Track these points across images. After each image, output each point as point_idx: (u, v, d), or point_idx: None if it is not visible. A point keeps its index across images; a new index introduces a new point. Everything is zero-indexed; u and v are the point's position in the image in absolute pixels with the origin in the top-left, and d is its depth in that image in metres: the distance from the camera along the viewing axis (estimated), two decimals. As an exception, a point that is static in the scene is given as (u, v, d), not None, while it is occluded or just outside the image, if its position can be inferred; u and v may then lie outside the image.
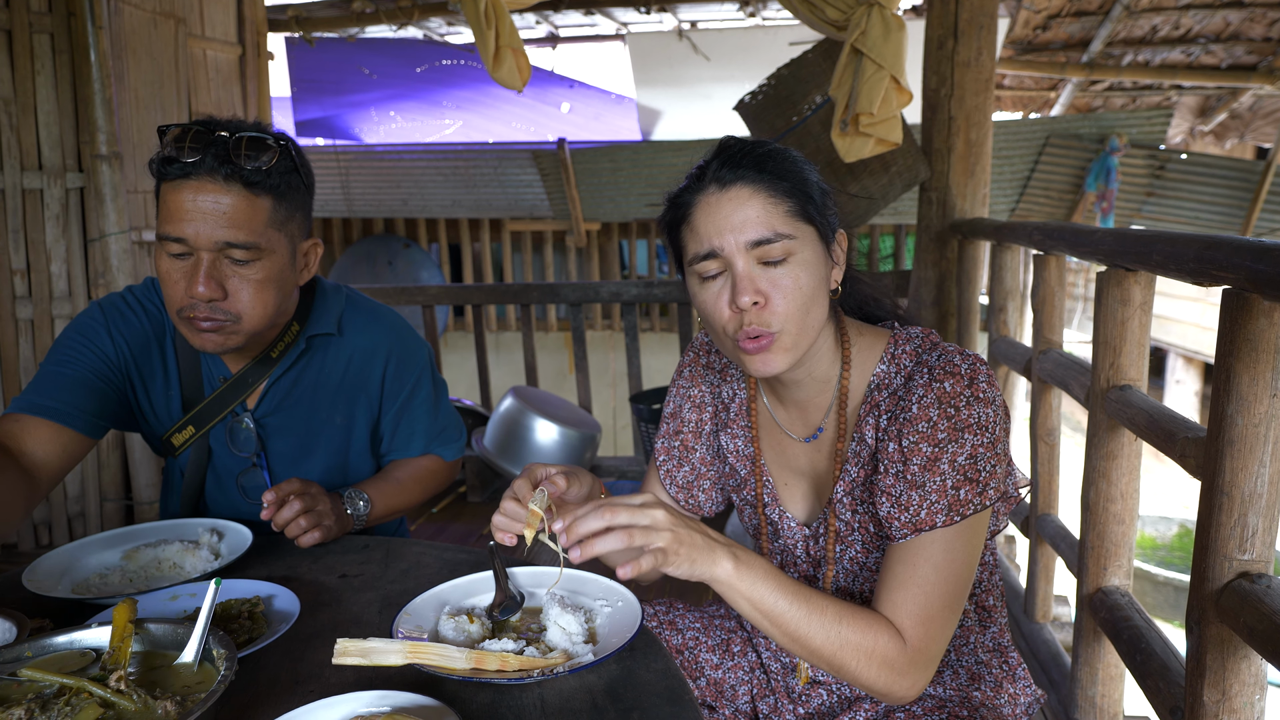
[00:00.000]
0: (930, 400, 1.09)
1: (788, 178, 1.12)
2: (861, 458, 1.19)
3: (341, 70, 7.59)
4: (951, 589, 1.09)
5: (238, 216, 1.33)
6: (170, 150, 1.31)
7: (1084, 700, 2.05)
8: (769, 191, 1.11)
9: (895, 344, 1.19)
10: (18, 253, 3.26)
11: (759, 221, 1.10)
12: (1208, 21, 6.22)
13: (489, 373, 4.83)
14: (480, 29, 3.20)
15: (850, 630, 1.06)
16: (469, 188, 7.47)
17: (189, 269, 1.34)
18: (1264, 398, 1.20)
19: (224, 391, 1.52)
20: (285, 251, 1.42)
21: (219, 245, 1.33)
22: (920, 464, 1.09)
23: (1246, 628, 1.20)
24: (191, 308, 1.35)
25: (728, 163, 1.14)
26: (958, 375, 1.09)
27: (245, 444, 1.56)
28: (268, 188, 1.36)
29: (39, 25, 3.21)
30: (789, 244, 1.10)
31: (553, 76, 7.93)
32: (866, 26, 3.04)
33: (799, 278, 1.11)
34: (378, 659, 0.98)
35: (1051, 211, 6.83)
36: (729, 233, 1.10)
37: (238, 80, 4.19)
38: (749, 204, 1.11)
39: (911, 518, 1.09)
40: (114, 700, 0.87)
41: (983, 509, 1.09)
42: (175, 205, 1.32)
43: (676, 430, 1.41)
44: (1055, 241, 2.32)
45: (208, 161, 1.31)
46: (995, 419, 1.09)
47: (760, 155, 1.13)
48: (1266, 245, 1.15)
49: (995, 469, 1.09)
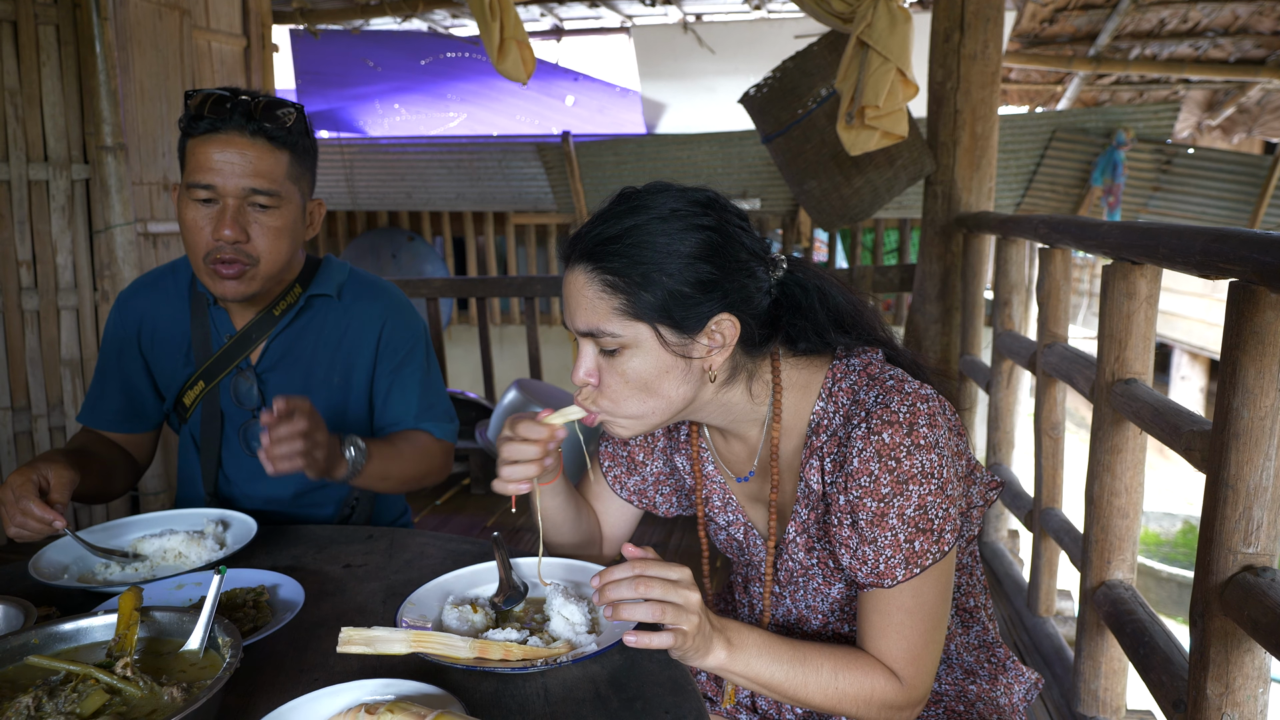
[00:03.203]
0: (870, 454, 1.05)
1: (625, 273, 1.05)
2: (811, 500, 1.17)
3: (346, 63, 7.58)
4: (931, 625, 1.09)
5: (262, 167, 1.47)
6: (199, 110, 1.46)
7: (1087, 694, 2.05)
8: (599, 285, 1.06)
9: (833, 378, 1.15)
10: (23, 244, 3.27)
11: (589, 311, 1.08)
12: (1216, 15, 6.19)
13: (493, 366, 4.83)
14: (485, 21, 3.20)
15: (847, 682, 1.07)
16: (473, 180, 7.47)
17: (215, 215, 1.47)
18: (1270, 391, 1.20)
19: (230, 346, 1.63)
20: (298, 204, 1.56)
21: (245, 192, 1.47)
22: (868, 520, 1.07)
23: (1250, 621, 1.20)
24: (217, 250, 1.48)
25: (575, 240, 1.10)
26: (896, 424, 1.05)
27: (248, 397, 1.64)
28: (287, 143, 1.50)
29: (44, 17, 3.21)
30: (615, 340, 1.07)
31: (557, 69, 7.91)
32: (872, 19, 3.03)
33: (626, 371, 1.09)
34: (382, 648, 0.98)
35: (1057, 206, 6.81)
36: (574, 314, 1.10)
37: (242, 72, 4.19)
38: (583, 291, 1.08)
39: (871, 570, 1.08)
40: (120, 687, 0.88)
41: (941, 556, 1.07)
42: (204, 157, 1.46)
43: (624, 442, 1.38)
44: (1060, 235, 2.31)
45: (235, 118, 1.46)
46: (939, 463, 1.05)
47: (602, 240, 1.07)
48: (1273, 238, 1.15)
49: (949, 511, 1.07)
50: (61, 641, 0.98)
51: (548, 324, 7.94)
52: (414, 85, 7.85)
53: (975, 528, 1.23)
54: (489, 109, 7.99)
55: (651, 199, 1.08)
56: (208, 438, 1.67)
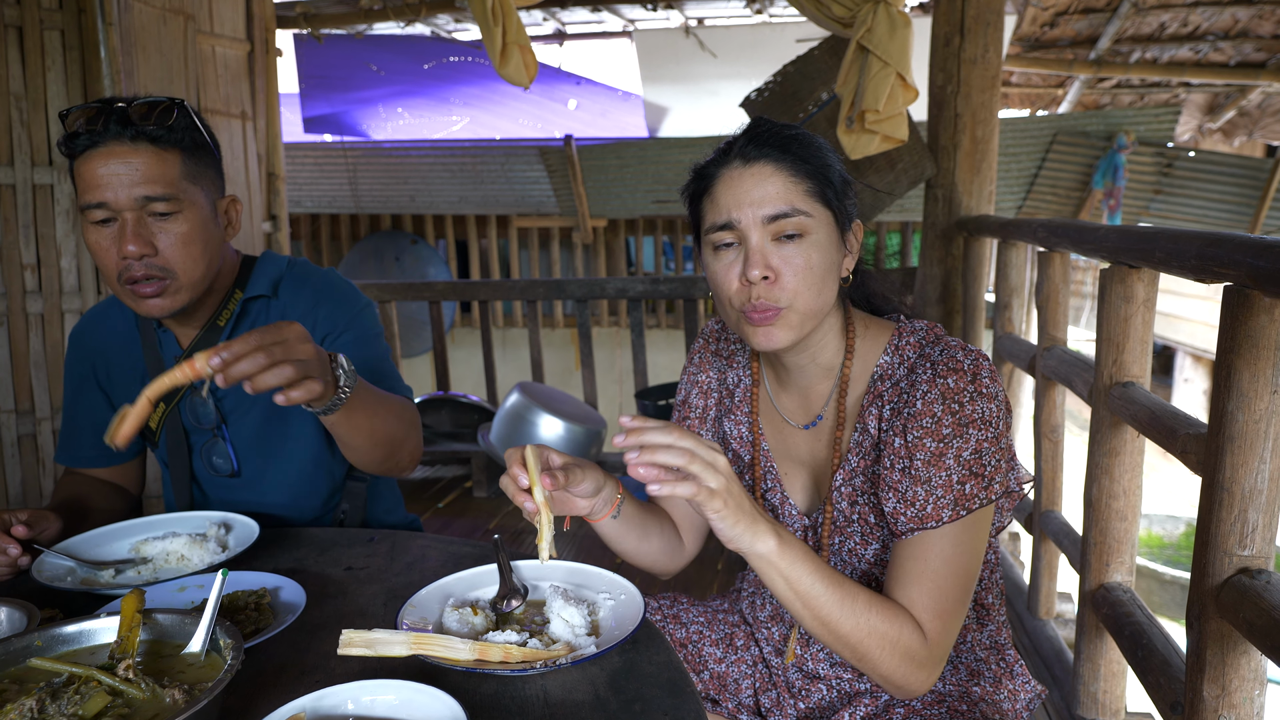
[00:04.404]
0: (934, 396, 1.10)
1: (811, 160, 1.15)
2: (863, 448, 1.20)
3: (349, 67, 7.60)
4: (962, 582, 1.10)
5: (150, 172, 1.39)
6: (76, 126, 1.38)
7: (1086, 696, 2.05)
8: (790, 170, 1.14)
9: (899, 336, 1.21)
10: (28, 247, 3.29)
11: (778, 197, 1.13)
12: (1216, 19, 6.19)
13: (495, 369, 4.84)
14: (487, 26, 3.21)
15: (878, 619, 1.06)
16: (476, 184, 7.49)
17: (116, 234, 1.39)
18: (1264, 394, 1.20)
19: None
20: (204, 205, 1.47)
21: (139, 201, 1.39)
22: (925, 460, 1.10)
23: (1246, 623, 1.21)
24: (128, 269, 1.40)
25: (754, 140, 1.16)
26: (961, 371, 1.10)
27: (205, 416, 1.59)
28: (173, 143, 1.42)
29: (50, 22, 3.23)
30: (804, 221, 1.13)
31: (560, 73, 7.93)
32: (873, 23, 3.04)
33: (810, 257, 1.13)
34: (382, 650, 0.99)
35: (1058, 209, 6.81)
36: (748, 206, 1.13)
37: (246, 77, 4.21)
38: (770, 180, 1.13)
39: (918, 513, 1.10)
40: (122, 689, 0.89)
41: (988, 503, 1.10)
42: (90, 174, 1.38)
43: (684, 418, 1.42)
44: (1059, 238, 2.32)
45: (112, 128, 1.38)
46: (998, 414, 1.10)
47: (786, 137, 1.16)
48: (1267, 242, 1.16)
49: (999, 463, 1.10)
50: (64, 643, 0.99)
51: (550, 327, 7.96)
52: (417, 89, 7.87)
53: (1006, 520, 1.24)
54: (492, 112, 8.01)
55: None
56: (176, 460, 1.63)
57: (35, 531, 1.32)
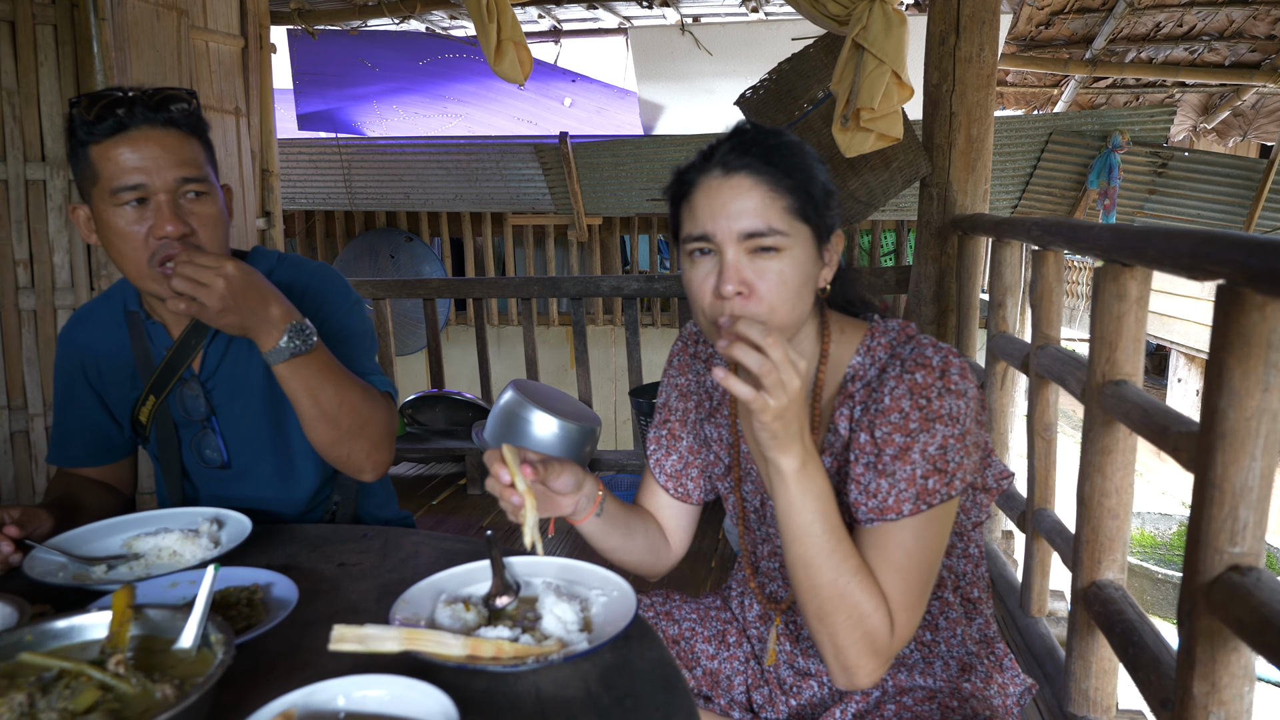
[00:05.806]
0: (902, 391, 1.10)
1: (793, 174, 1.13)
2: (835, 448, 1.20)
3: (344, 63, 7.58)
4: (924, 576, 1.10)
5: (183, 154, 1.40)
6: (99, 112, 1.36)
7: (1078, 693, 2.06)
8: (770, 185, 1.11)
9: (872, 336, 1.21)
10: (21, 243, 3.28)
11: (755, 213, 1.10)
12: (1211, 19, 6.20)
13: (490, 367, 4.83)
14: (482, 22, 3.21)
15: (858, 588, 1.06)
16: (471, 181, 7.48)
17: (150, 215, 1.38)
18: (1255, 392, 1.21)
19: (171, 358, 1.56)
20: (219, 192, 1.48)
21: (176, 183, 1.39)
22: (892, 454, 1.10)
23: (1236, 620, 1.21)
24: (164, 248, 1.37)
25: (736, 149, 1.14)
26: (929, 367, 1.10)
27: (195, 408, 1.59)
28: (195, 130, 1.44)
29: (42, 17, 3.22)
30: (780, 239, 1.11)
31: (555, 70, 7.91)
32: (868, 21, 3.04)
33: (785, 273, 1.11)
34: (374, 645, 0.99)
35: (1053, 208, 6.82)
36: (724, 219, 1.11)
37: (240, 73, 4.19)
38: (749, 195, 1.11)
39: (879, 504, 1.10)
40: (113, 684, 0.89)
41: (948, 499, 1.10)
42: (121, 158, 1.36)
43: (665, 419, 1.43)
44: (1053, 237, 2.32)
45: (139, 112, 1.37)
46: (966, 411, 1.10)
47: (770, 147, 1.14)
48: (1259, 240, 1.16)
49: (963, 460, 1.10)
50: (55, 639, 0.99)
51: (545, 325, 7.95)
52: (412, 86, 7.85)
53: (985, 515, 1.25)
54: (487, 110, 7.99)
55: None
56: (167, 453, 1.63)
57: (27, 530, 1.32)
